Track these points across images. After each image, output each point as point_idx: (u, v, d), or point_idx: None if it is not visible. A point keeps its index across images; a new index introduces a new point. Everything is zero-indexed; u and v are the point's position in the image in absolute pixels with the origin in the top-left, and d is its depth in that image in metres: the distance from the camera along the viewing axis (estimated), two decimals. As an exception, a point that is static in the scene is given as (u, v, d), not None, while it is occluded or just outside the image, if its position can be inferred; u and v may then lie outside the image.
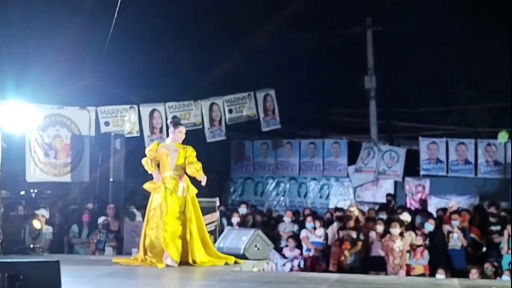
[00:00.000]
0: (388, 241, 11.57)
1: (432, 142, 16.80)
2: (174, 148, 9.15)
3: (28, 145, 12.68)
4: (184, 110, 14.93)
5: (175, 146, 9.16)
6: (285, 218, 13.79)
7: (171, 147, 9.17)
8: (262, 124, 16.27)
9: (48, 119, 12.97)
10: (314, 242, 12.73)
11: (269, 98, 16.32)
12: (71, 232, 12.60)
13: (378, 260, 11.70)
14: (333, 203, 17.21)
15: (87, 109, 13.67)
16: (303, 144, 18.09)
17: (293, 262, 12.55)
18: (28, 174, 12.75)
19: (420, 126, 17.95)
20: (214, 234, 11.05)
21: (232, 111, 15.64)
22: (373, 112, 17.76)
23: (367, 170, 17.26)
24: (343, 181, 17.75)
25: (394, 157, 17.05)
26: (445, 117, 18.47)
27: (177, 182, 9.00)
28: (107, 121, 13.95)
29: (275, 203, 18.17)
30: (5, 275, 5.13)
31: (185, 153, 9.09)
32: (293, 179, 18.28)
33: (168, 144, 9.27)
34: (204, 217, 10.92)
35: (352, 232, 12.07)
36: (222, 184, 18.52)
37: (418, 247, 11.68)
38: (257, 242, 10.18)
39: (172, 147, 9.17)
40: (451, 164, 16.49)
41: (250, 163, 18.56)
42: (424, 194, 16.52)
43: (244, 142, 18.55)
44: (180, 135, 9.25)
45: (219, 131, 15.53)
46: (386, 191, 16.80)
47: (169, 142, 9.29)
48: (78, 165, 13.32)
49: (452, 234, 11.90)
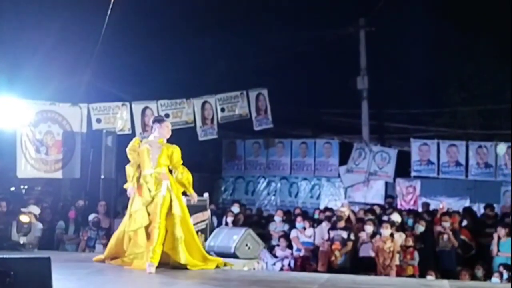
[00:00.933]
0: (378, 242, 11.58)
1: (424, 143, 16.85)
2: (157, 144, 8.37)
3: (19, 141, 12.64)
4: (176, 108, 14.92)
5: (158, 142, 8.39)
6: (276, 218, 13.79)
7: (154, 143, 8.39)
8: (254, 123, 16.28)
9: (40, 115, 12.94)
10: (304, 242, 12.72)
11: (261, 97, 16.35)
12: (58, 229, 12.56)
13: (368, 260, 11.69)
14: (324, 203, 17.23)
15: (79, 105, 13.64)
16: (295, 143, 18.11)
17: (283, 262, 12.54)
18: (19, 170, 12.71)
19: (412, 128, 18.00)
20: (205, 233, 11.04)
21: (224, 110, 15.65)
22: (365, 113, 17.79)
23: (358, 171, 17.29)
24: (334, 182, 17.78)
25: (385, 158, 17.10)
26: (436, 118, 18.53)
27: (159, 181, 8.22)
28: (99, 118, 13.93)
29: (266, 203, 18.18)
30: (-4, 271, 5.10)
31: (168, 151, 8.34)
32: (284, 179, 18.29)
33: (151, 140, 8.47)
34: (195, 215, 10.95)
35: (343, 232, 12.07)
36: (213, 183, 18.52)
37: (408, 248, 11.70)
38: (248, 241, 10.18)
39: (156, 143, 8.39)
40: (442, 166, 16.54)
41: (241, 162, 18.57)
42: (415, 195, 16.58)
43: (235, 141, 18.56)
44: (167, 129, 8.49)
45: (211, 130, 15.53)
46: (377, 192, 16.85)
47: (153, 138, 8.48)
48: (69, 161, 13.30)
49: (442, 236, 11.93)
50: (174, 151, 8.40)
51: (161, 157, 8.27)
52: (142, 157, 8.33)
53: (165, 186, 8.20)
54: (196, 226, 10.83)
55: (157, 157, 8.27)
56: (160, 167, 8.28)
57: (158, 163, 8.27)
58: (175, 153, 8.40)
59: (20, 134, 12.62)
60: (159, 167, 8.27)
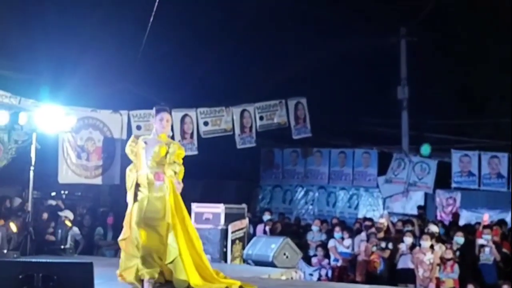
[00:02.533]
0: (418, 254, 11.46)
1: (465, 154, 16.63)
2: (156, 140, 7.28)
3: (61, 146, 12.80)
4: (215, 116, 14.97)
5: (157, 138, 7.30)
6: (313, 227, 13.76)
7: (152, 140, 7.29)
8: (293, 132, 16.24)
9: (81, 122, 13.09)
10: (342, 252, 12.66)
11: (300, 106, 16.31)
12: (97, 235, 12.70)
13: (407, 272, 11.59)
14: (362, 213, 17.13)
15: (119, 112, 13.77)
16: (333, 153, 18.02)
17: (320, 271, 12.49)
18: (61, 175, 12.86)
19: (453, 138, 17.76)
20: (242, 241, 11.06)
21: (263, 118, 15.65)
22: (405, 123, 17.63)
23: (397, 181, 17.13)
24: (373, 192, 17.64)
25: (425, 169, 16.90)
26: (478, 129, 18.26)
27: (153, 182, 7.12)
28: (139, 124, 14.03)
29: (304, 212, 18.12)
30: (40, 275, 5.16)
31: (167, 148, 7.19)
32: (322, 188, 18.22)
33: (149, 137, 7.40)
34: (233, 223, 10.99)
35: (382, 242, 12.00)
36: (250, 191, 18.53)
37: (448, 261, 11.54)
38: (286, 250, 10.16)
39: (154, 140, 7.29)
40: (483, 178, 16.28)
41: (279, 171, 18.55)
42: (455, 207, 16.35)
43: (274, 149, 18.55)
44: (161, 123, 7.34)
45: (249, 138, 15.53)
46: (416, 202, 16.66)
47: (152, 135, 7.40)
48: (109, 168, 13.41)
49: (483, 248, 11.74)
50: (174, 146, 7.29)
51: (157, 154, 7.16)
52: (138, 157, 7.32)
53: (157, 187, 7.12)
54: (234, 234, 10.88)
55: (152, 155, 7.17)
56: (155, 166, 7.17)
57: (152, 161, 7.17)
58: (172, 149, 7.23)
59: (62, 140, 12.78)
60: (153, 166, 7.17)
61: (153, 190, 7.10)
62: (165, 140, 7.28)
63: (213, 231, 10.82)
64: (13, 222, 10.77)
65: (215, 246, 10.76)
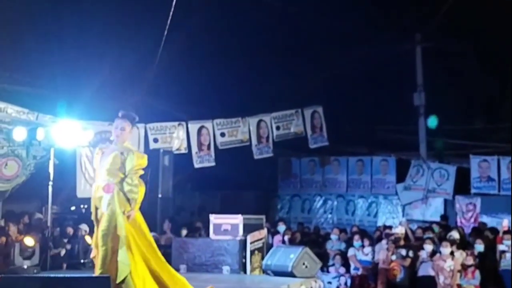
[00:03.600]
0: (438, 261, 11.38)
1: (483, 160, 16.48)
2: (111, 149, 6.77)
3: (79, 161, 12.91)
4: (232, 127, 15.00)
5: (113, 146, 6.78)
6: (332, 236, 13.70)
7: (108, 149, 6.80)
8: (309, 141, 16.22)
9: (99, 136, 13.13)
10: (362, 260, 12.61)
11: (316, 115, 16.29)
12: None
13: (428, 279, 11.52)
14: (382, 221, 17.03)
15: (136, 125, 13.77)
16: (351, 161, 17.95)
17: (339, 280, 12.43)
18: (79, 189, 12.95)
19: (471, 144, 17.63)
20: (262, 251, 11.03)
21: (279, 128, 15.66)
22: (422, 129, 17.55)
23: (416, 188, 17.02)
24: (392, 199, 17.54)
25: (444, 175, 16.78)
26: (495, 134, 18.11)
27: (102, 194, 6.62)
28: (156, 137, 14.10)
29: (323, 221, 18.04)
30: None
31: (120, 158, 6.62)
32: (341, 197, 18.14)
33: (108, 146, 6.93)
34: (251, 234, 10.97)
35: (402, 250, 11.93)
36: (269, 201, 18.51)
37: (469, 267, 11.45)
38: (305, 260, 10.12)
39: (110, 149, 6.78)
40: (503, 183, 16.13)
41: (297, 180, 18.50)
42: (475, 213, 16.21)
43: (291, 159, 18.51)
44: (115, 131, 6.80)
45: (266, 148, 15.54)
46: (436, 209, 16.55)
47: (112, 144, 6.88)
48: (127, 181, 13.43)
49: (504, 254, 11.64)
50: (128, 157, 6.65)
51: (109, 165, 6.62)
52: (96, 168, 6.89)
53: (105, 201, 6.59)
54: (253, 244, 10.85)
55: (104, 165, 6.67)
56: (107, 176, 6.63)
57: (104, 171, 6.65)
58: (128, 159, 6.64)
59: (79, 154, 12.88)
60: (106, 177, 6.64)
61: (104, 204, 6.61)
62: (120, 149, 6.71)
63: (232, 242, 10.81)
64: (32, 237, 10.83)
65: (234, 257, 10.74)
